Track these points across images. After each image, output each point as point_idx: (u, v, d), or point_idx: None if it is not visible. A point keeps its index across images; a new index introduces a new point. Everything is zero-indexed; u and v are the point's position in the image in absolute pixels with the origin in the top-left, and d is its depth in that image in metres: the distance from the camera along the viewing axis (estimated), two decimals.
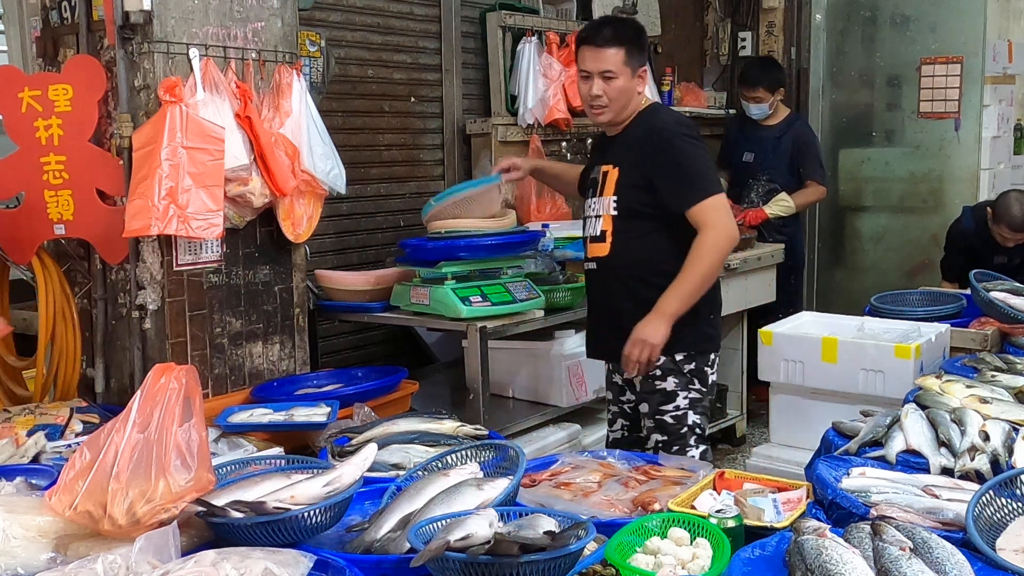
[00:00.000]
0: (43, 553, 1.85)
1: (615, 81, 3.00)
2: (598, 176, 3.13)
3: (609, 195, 3.07)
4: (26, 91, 3.15)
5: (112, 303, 3.32)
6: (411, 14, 4.70)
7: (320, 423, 2.95)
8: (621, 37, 3.01)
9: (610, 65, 2.99)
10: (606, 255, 3.10)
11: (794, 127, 5.62)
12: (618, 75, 3.00)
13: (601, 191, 3.11)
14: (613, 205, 3.06)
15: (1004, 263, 4.58)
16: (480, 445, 2.46)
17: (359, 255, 4.55)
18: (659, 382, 3.07)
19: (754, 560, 1.82)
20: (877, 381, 3.15)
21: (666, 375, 3.06)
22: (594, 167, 3.19)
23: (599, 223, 3.11)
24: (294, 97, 3.40)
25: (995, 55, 6.00)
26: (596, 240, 3.12)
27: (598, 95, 3.02)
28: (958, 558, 1.69)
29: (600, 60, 3.00)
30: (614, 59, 2.99)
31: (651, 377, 3.06)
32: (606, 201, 3.08)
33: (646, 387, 3.09)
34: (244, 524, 1.89)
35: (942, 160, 6.20)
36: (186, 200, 3.00)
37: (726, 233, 2.95)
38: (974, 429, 2.32)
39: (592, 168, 3.22)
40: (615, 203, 3.06)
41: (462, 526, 1.73)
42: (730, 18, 6.60)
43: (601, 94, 3.02)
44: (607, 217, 3.08)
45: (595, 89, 3.02)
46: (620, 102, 3.04)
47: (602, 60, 3.00)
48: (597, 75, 3.01)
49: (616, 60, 3.00)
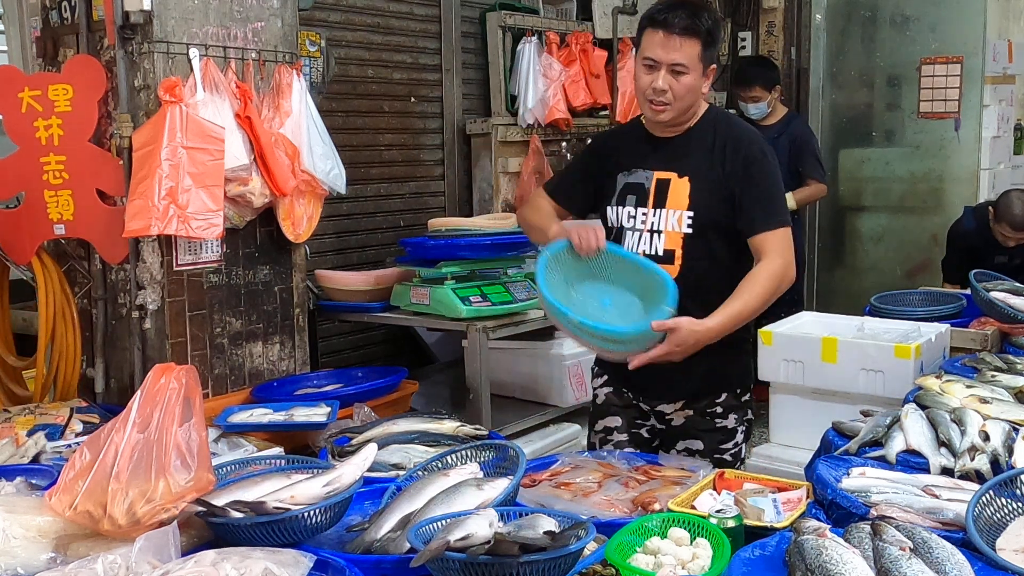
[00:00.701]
0: (43, 553, 1.85)
1: (685, 77, 2.57)
2: (647, 184, 2.69)
3: (679, 208, 2.64)
4: (26, 91, 3.15)
5: (112, 303, 3.32)
6: (411, 14, 4.70)
7: (320, 423, 2.95)
8: (699, 27, 2.57)
9: (683, 58, 2.56)
10: (674, 279, 2.59)
11: (792, 126, 5.62)
12: (690, 70, 2.57)
13: (660, 202, 2.66)
14: (688, 221, 2.63)
15: (1005, 263, 4.58)
16: (480, 445, 2.46)
17: (359, 255, 4.55)
18: (720, 420, 2.78)
19: (754, 560, 1.82)
20: (877, 381, 3.15)
21: (727, 412, 2.79)
22: (632, 171, 2.72)
23: (659, 240, 2.66)
24: (294, 97, 3.40)
25: (995, 55, 6.00)
26: (656, 260, 2.64)
27: (663, 89, 2.58)
28: (958, 558, 1.68)
29: (672, 50, 2.56)
30: (689, 51, 2.56)
31: (709, 415, 2.77)
32: (672, 215, 2.65)
33: (702, 425, 2.77)
34: (244, 524, 1.89)
35: (942, 160, 6.20)
36: (186, 200, 3.00)
37: (790, 269, 2.64)
38: (974, 429, 2.32)
39: (627, 172, 2.74)
40: (690, 218, 2.63)
41: (462, 526, 1.73)
42: (730, 18, 6.60)
43: (667, 89, 2.58)
44: (675, 234, 2.64)
45: (660, 82, 2.57)
46: (686, 101, 2.62)
47: (675, 50, 2.55)
48: (666, 67, 2.57)
49: (691, 53, 2.56)
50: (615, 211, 2.73)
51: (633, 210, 2.70)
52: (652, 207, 2.68)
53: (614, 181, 2.75)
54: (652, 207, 2.68)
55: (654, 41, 2.58)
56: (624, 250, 2.66)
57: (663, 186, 2.67)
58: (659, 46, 2.57)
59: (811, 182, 5.53)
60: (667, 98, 2.59)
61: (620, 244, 2.69)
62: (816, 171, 5.55)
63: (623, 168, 2.74)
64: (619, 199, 2.73)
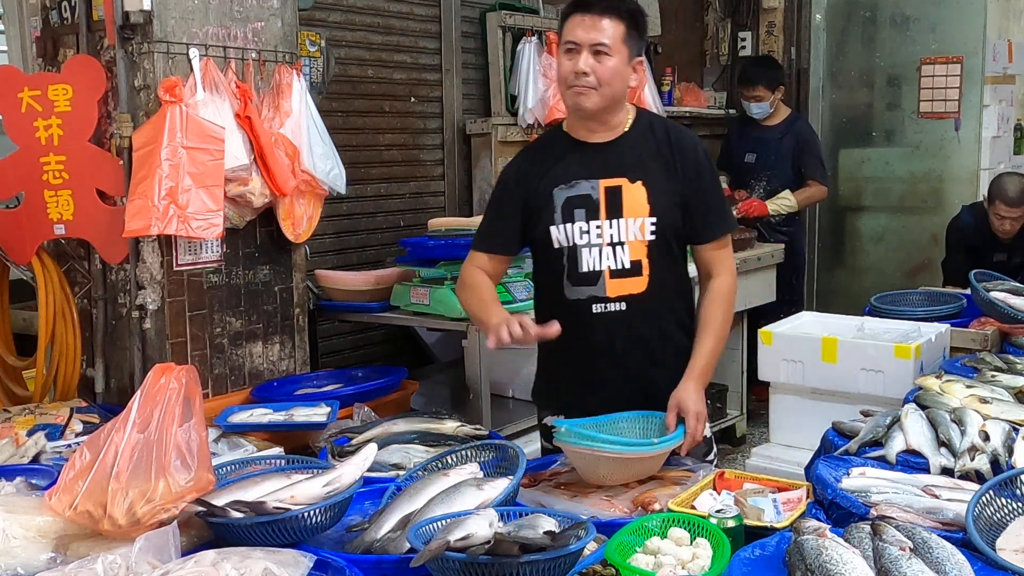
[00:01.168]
0: (43, 553, 1.85)
1: (609, 59, 2.42)
2: (594, 194, 2.50)
3: (640, 215, 2.48)
4: (26, 91, 3.15)
5: (112, 303, 3.32)
6: (411, 14, 4.70)
7: (320, 423, 2.95)
8: (621, 10, 2.46)
9: (606, 37, 2.42)
10: (643, 291, 2.50)
11: (795, 127, 5.62)
12: (613, 52, 2.42)
13: (615, 211, 2.49)
14: (651, 229, 2.49)
15: (1004, 261, 4.57)
16: (480, 445, 2.46)
17: (359, 255, 4.55)
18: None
19: (754, 560, 1.82)
20: (877, 381, 3.15)
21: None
22: (572, 183, 2.52)
23: (623, 252, 2.49)
24: (294, 97, 3.40)
25: (995, 55, 6.00)
26: (623, 274, 2.50)
27: (585, 71, 2.42)
28: (958, 558, 1.68)
29: (593, 29, 2.42)
30: (612, 32, 2.43)
31: None
32: (634, 223, 2.49)
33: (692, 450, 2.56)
34: (244, 524, 1.89)
35: (942, 160, 6.20)
36: (186, 200, 3.00)
37: (736, 278, 2.61)
38: (974, 429, 2.32)
39: (565, 186, 2.53)
40: (653, 225, 2.49)
41: (462, 526, 1.73)
42: (730, 18, 6.60)
43: (589, 71, 2.42)
44: (639, 244, 2.49)
45: (581, 63, 2.42)
46: (612, 87, 2.45)
47: (596, 30, 2.42)
48: (587, 47, 2.42)
49: (614, 34, 2.43)
50: (562, 229, 2.52)
51: (585, 224, 2.50)
52: (607, 218, 2.49)
53: (550, 198, 2.53)
54: (607, 218, 2.49)
55: (574, 24, 2.46)
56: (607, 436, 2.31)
57: (614, 194, 2.49)
58: (579, 27, 2.44)
59: (812, 183, 5.53)
60: (590, 81, 2.43)
61: (576, 262, 2.52)
62: (818, 172, 5.55)
63: (559, 182, 2.53)
64: (564, 215, 2.51)
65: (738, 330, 5.33)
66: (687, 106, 6.10)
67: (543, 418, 2.73)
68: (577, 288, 2.54)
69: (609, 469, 2.23)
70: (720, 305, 2.55)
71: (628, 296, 2.51)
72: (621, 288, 2.51)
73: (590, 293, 2.53)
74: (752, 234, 5.37)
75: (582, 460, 2.26)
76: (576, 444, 2.23)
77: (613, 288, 2.51)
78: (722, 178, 5.86)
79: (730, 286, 2.58)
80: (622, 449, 2.22)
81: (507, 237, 2.64)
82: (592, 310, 2.53)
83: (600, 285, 2.51)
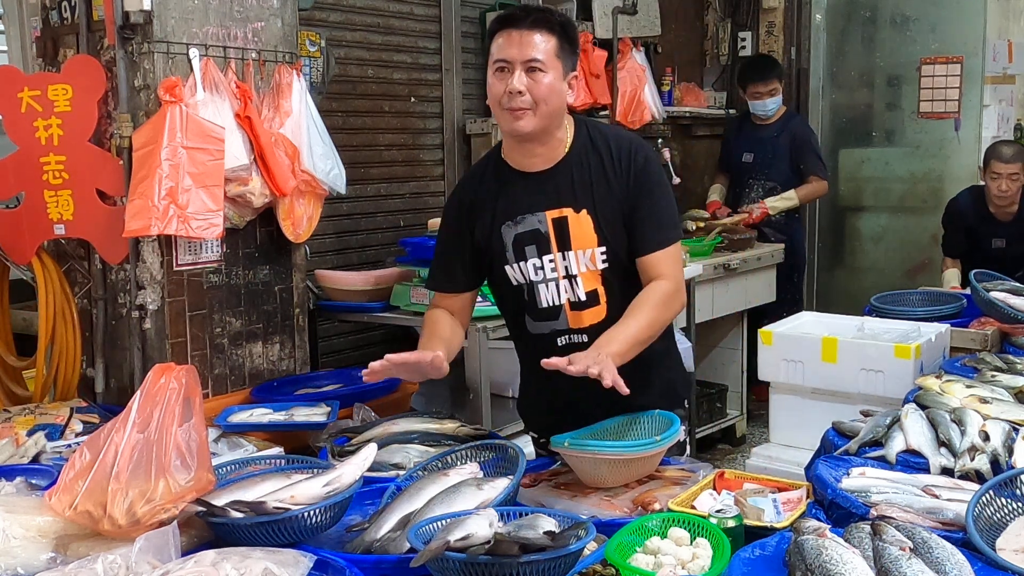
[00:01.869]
0: (43, 553, 1.85)
1: (544, 76, 2.28)
2: (542, 228, 2.40)
3: (588, 246, 2.39)
4: (26, 91, 3.15)
5: (112, 303, 3.32)
6: (411, 14, 4.70)
7: (320, 423, 2.95)
8: (551, 23, 2.31)
9: (539, 53, 2.28)
10: (603, 320, 2.42)
11: (791, 124, 5.63)
12: (548, 68, 2.29)
13: (564, 244, 2.40)
14: (602, 257, 2.40)
15: (1003, 248, 4.55)
16: (480, 445, 2.46)
17: (359, 255, 4.55)
18: None
19: (754, 560, 1.82)
20: (877, 381, 3.15)
21: None
22: (518, 218, 2.42)
23: (577, 284, 2.42)
24: (294, 97, 3.40)
25: (995, 55, 6.00)
26: (581, 306, 2.43)
27: (519, 91, 2.28)
28: (958, 558, 1.69)
29: (525, 45, 2.28)
30: (544, 46, 2.28)
31: None
32: (583, 255, 2.40)
33: None
34: (244, 524, 1.89)
35: (942, 160, 6.20)
36: (186, 200, 3.00)
37: (681, 293, 2.45)
38: (974, 429, 2.33)
39: (512, 223, 2.43)
40: (604, 254, 2.40)
41: (462, 526, 1.73)
42: (730, 18, 6.61)
43: (523, 91, 2.28)
44: (592, 274, 2.41)
45: (515, 82, 2.27)
46: (549, 106, 2.31)
47: (528, 45, 2.28)
48: (520, 65, 2.28)
49: (547, 48, 2.29)
50: (516, 268, 2.45)
51: (538, 260, 2.42)
52: (557, 251, 2.41)
53: (499, 235, 2.45)
54: (557, 251, 2.41)
55: (502, 42, 2.32)
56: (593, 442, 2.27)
57: (561, 225, 2.40)
58: (509, 44, 2.30)
59: (812, 179, 5.54)
60: (525, 101, 2.29)
61: (534, 298, 2.45)
62: (818, 168, 5.56)
63: (505, 218, 2.44)
64: (516, 254, 2.44)
65: (738, 330, 5.34)
66: (687, 106, 6.10)
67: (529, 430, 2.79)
68: (539, 323, 2.50)
69: (611, 471, 2.23)
70: (652, 298, 2.37)
71: (589, 327, 2.44)
72: (581, 320, 2.45)
73: (552, 327, 2.48)
74: (752, 234, 5.37)
75: (583, 464, 2.25)
76: (575, 449, 2.21)
77: (574, 320, 2.45)
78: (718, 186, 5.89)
79: (670, 290, 2.40)
80: (624, 450, 2.22)
81: (460, 276, 2.56)
82: (557, 343, 2.47)
83: (562, 319, 2.46)
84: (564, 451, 2.26)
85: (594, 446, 2.21)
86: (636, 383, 2.25)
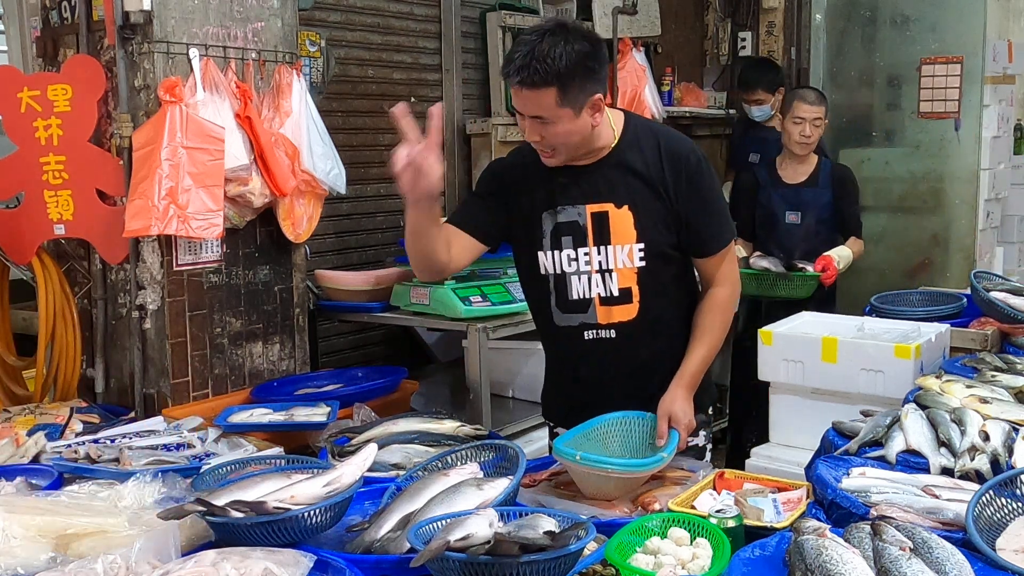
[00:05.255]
0: (43, 553, 1.85)
1: (552, 127, 2.31)
2: (580, 220, 2.44)
3: (627, 241, 2.43)
4: (25, 91, 3.15)
5: (112, 303, 3.32)
6: (411, 14, 4.70)
7: (320, 423, 2.95)
8: (550, 74, 2.23)
9: (540, 110, 2.29)
10: (633, 318, 2.47)
11: None
12: (554, 119, 2.29)
13: (603, 238, 2.44)
14: (639, 254, 2.43)
15: (797, 222, 4.50)
16: (480, 445, 2.46)
17: (359, 255, 4.55)
18: (691, 439, 2.58)
19: (754, 560, 1.82)
20: (877, 381, 3.15)
21: (698, 430, 2.59)
22: (559, 209, 2.46)
23: (611, 279, 2.45)
24: (294, 97, 3.40)
25: (995, 55, 6.00)
26: (612, 302, 2.47)
27: (536, 140, 2.36)
28: (958, 558, 1.68)
29: (528, 102, 2.29)
30: (545, 102, 2.27)
31: None
32: (621, 250, 2.43)
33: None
34: (244, 524, 1.89)
35: (942, 160, 6.19)
36: (186, 200, 3.01)
37: (737, 290, 2.57)
38: (974, 429, 2.32)
39: (553, 211, 2.47)
40: (642, 251, 2.43)
41: (462, 526, 1.73)
42: (730, 18, 6.60)
43: (539, 139, 2.35)
44: (628, 271, 2.44)
45: (529, 133, 2.35)
46: (569, 143, 2.36)
47: (529, 102, 2.29)
48: (528, 119, 2.33)
49: (547, 103, 2.27)
50: (550, 256, 2.49)
51: (573, 252, 2.46)
52: (594, 244, 2.45)
53: (538, 222, 2.49)
54: (594, 244, 2.45)
55: (513, 92, 2.33)
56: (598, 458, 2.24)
57: (601, 220, 2.43)
58: (516, 97, 2.32)
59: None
60: (546, 145, 2.36)
61: (565, 289, 2.48)
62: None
63: (546, 206, 2.47)
64: (553, 243, 2.47)
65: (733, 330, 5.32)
66: (687, 106, 6.09)
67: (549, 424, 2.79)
68: (567, 315, 2.52)
69: (618, 486, 2.21)
70: (716, 314, 2.51)
71: (618, 323, 2.48)
72: (611, 315, 2.48)
73: (581, 320, 2.50)
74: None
75: (589, 479, 2.22)
76: (584, 465, 2.19)
77: (603, 315, 2.48)
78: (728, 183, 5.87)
79: (728, 296, 2.54)
80: (633, 468, 2.21)
81: (482, 220, 2.53)
82: (584, 336, 2.51)
83: (591, 312, 2.49)
84: (572, 467, 2.23)
85: (603, 463, 2.19)
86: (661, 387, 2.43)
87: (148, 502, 2.09)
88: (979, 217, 5.99)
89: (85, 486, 2.21)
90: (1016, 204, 6.45)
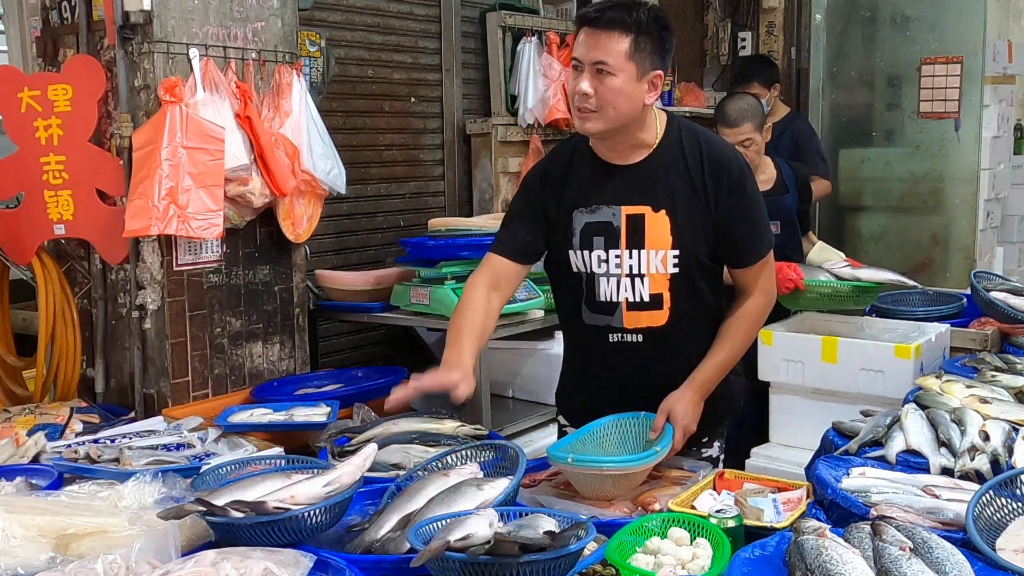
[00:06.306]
0: (43, 553, 1.85)
1: (611, 79, 2.23)
2: (615, 221, 2.37)
3: (662, 247, 2.35)
4: (26, 91, 3.16)
5: (112, 303, 3.32)
6: (411, 14, 4.70)
7: (320, 423, 2.95)
8: (629, 20, 2.21)
9: (606, 55, 2.21)
10: (663, 325, 2.40)
11: (793, 124, 5.61)
12: (616, 71, 2.22)
13: (636, 242, 2.36)
14: (673, 261, 2.36)
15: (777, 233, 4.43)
16: (480, 445, 2.46)
17: (359, 255, 4.55)
18: (706, 449, 2.57)
19: (754, 560, 1.82)
20: (877, 381, 3.15)
21: (713, 440, 2.59)
22: (594, 208, 2.39)
23: (642, 284, 2.38)
24: (294, 97, 3.40)
25: (995, 55, 6.00)
26: (641, 307, 2.39)
27: (586, 93, 2.25)
28: (958, 558, 1.68)
29: (594, 47, 2.22)
30: (614, 48, 2.21)
31: (696, 448, 2.54)
32: (655, 255, 2.36)
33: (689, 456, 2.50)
34: (244, 524, 1.89)
35: (942, 160, 6.20)
36: (186, 200, 3.01)
37: (773, 298, 2.51)
38: (974, 429, 2.32)
39: (586, 210, 2.41)
40: (676, 258, 2.36)
41: (462, 526, 1.73)
42: (730, 18, 6.61)
43: (590, 93, 2.24)
44: (661, 277, 2.37)
45: (583, 84, 2.25)
46: (617, 109, 2.26)
47: (597, 47, 2.22)
48: (588, 67, 2.24)
49: (617, 50, 2.21)
50: (580, 256, 2.42)
51: (604, 253, 2.39)
52: (627, 248, 2.37)
53: (569, 219, 2.42)
54: (627, 248, 2.37)
55: (579, 40, 2.27)
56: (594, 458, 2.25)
57: (636, 223, 2.36)
58: (582, 44, 2.25)
59: (816, 179, 5.52)
60: (592, 104, 2.25)
61: (592, 290, 2.42)
62: (821, 168, 5.54)
63: (580, 204, 2.41)
64: (583, 242, 2.40)
65: None
66: (687, 106, 6.10)
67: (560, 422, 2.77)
68: (595, 315, 2.46)
69: (614, 485, 2.20)
70: (743, 322, 2.45)
71: (646, 328, 2.42)
72: (638, 320, 2.41)
73: (607, 322, 2.44)
74: None
75: (585, 480, 2.22)
76: (576, 466, 2.19)
77: (630, 320, 2.42)
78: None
79: (762, 307, 2.47)
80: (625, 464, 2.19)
81: (526, 243, 2.49)
82: (609, 339, 2.45)
83: (617, 316, 2.42)
84: (566, 468, 2.23)
85: (595, 462, 2.19)
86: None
87: (148, 502, 2.09)
88: (979, 217, 6.00)
89: (85, 486, 2.20)
90: (1016, 204, 6.46)
